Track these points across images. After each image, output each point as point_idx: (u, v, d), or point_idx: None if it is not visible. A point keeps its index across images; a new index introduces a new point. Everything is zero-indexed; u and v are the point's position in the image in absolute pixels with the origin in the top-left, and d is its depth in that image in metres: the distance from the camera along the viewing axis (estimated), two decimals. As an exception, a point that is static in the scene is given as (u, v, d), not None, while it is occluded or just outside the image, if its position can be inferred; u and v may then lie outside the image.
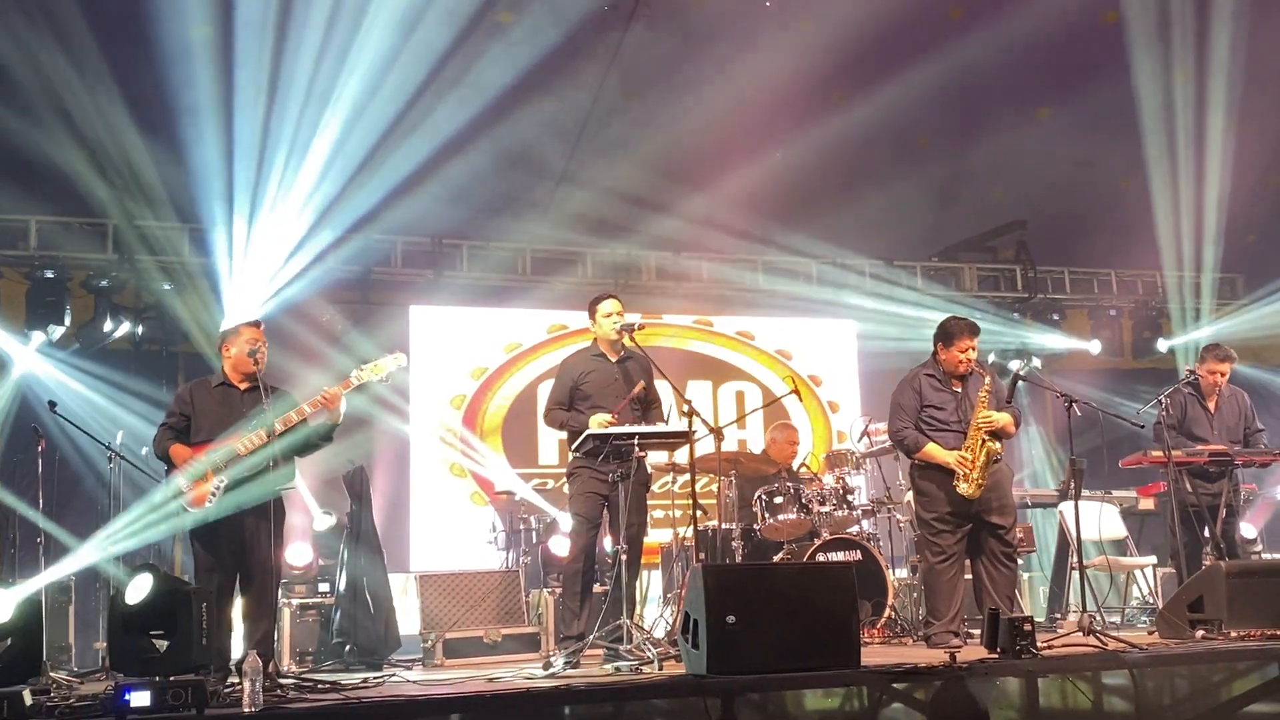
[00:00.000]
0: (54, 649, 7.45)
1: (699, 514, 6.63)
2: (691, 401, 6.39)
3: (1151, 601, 8.80)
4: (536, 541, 9.16)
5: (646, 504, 7.04)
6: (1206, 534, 7.68)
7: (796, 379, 10.26)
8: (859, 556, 7.85)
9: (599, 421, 6.56)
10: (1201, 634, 6.20)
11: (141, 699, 4.43)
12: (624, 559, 6.52)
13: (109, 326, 9.99)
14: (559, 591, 7.59)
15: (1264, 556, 9.08)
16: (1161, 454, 7.44)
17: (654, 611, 8.74)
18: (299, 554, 8.58)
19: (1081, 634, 6.02)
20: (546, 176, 11.26)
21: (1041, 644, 5.60)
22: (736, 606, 5.12)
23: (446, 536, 10.71)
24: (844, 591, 5.35)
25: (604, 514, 6.85)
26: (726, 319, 12.21)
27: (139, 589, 5.13)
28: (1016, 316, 12.90)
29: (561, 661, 6.19)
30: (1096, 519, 8.84)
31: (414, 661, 7.82)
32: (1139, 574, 9.08)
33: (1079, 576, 6.67)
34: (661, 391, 7.23)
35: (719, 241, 11.89)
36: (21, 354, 9.67)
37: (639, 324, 6.94)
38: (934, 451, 6.67)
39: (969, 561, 6.80)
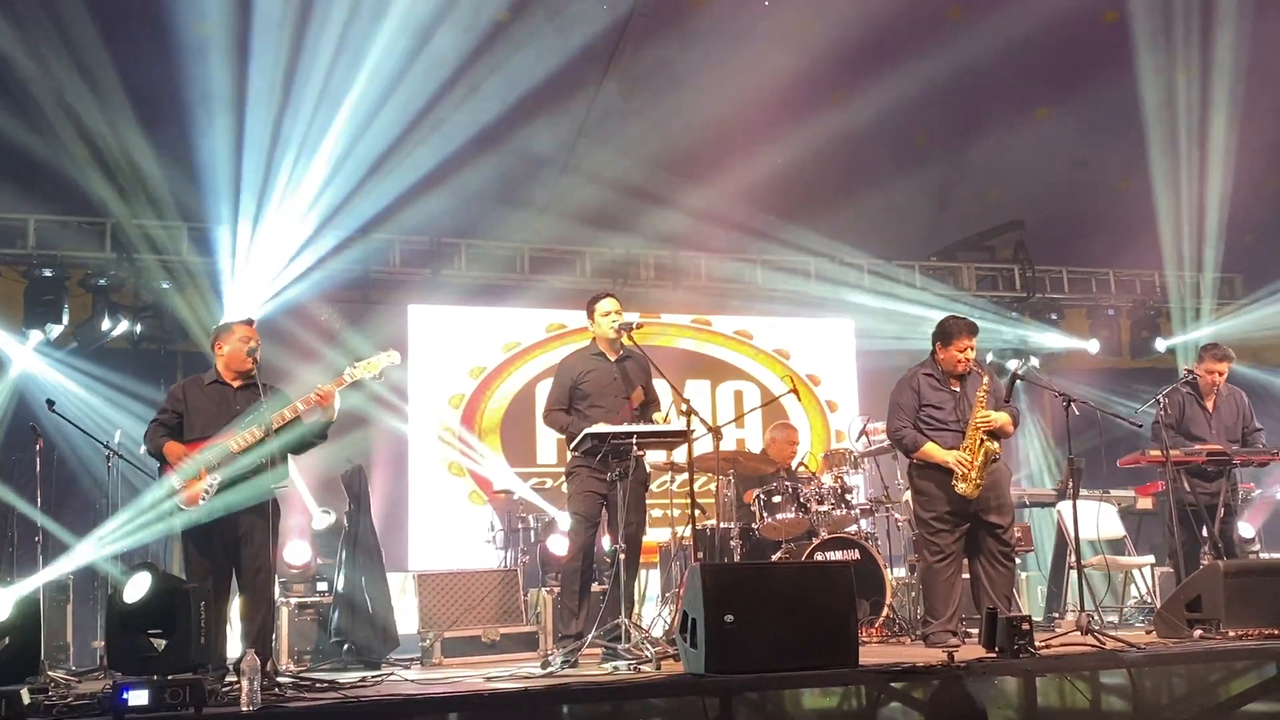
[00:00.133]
0: (52, 648, 7.45)
1: (697, 513, 6.63)
2: (690, 401, 6.39)
3: (1149, 601, 8.81)
4: (535, 541, 9.15)
5: (645, 503, 7.03)
6: (1204, 533, 7.69)
7: (795, 378, 10.27)
8: (857, 556, 7.85)
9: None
10: (1199, 633, 6.21)
11: (139, 698, 4.43)
12: (622, 558, 6.52)
13: (107, 325, 9.98)
14: (557, 591, 7.59)
15: (1262, 556, 9.09)
16: (1159, 453, 7.44)
17: (652, 611, 8.74)
18: (297, 553, 8.58)
19: (1079, 633, 6.02)
20: (545, 175, 11.25)
21: (1039, 643, 5.61)
22: (735, 606, 5.12)
23: (445, 536, 10.71)
24: (842, 591, 5.34)
25: (602, 513, 6.85)
26: (725, 318, 12.22)
27: (137, 588, 5.13)
28: (1015, 316, 12.91)
29: (560, 661, 6.20)
30: (1095, 518, 8.84)
31: (412, 661, 7.82)
32: (1137, 573, 9.08)
33: (1077, 576, 6.68)
34: (660, 391, 7.23)
35: (717, 240, 11.89)
36: (19, 353, 9.67)
37: (637, 323, 6.93)
38: (932, 451, 6.67)
39: (967, 561, 6.81)
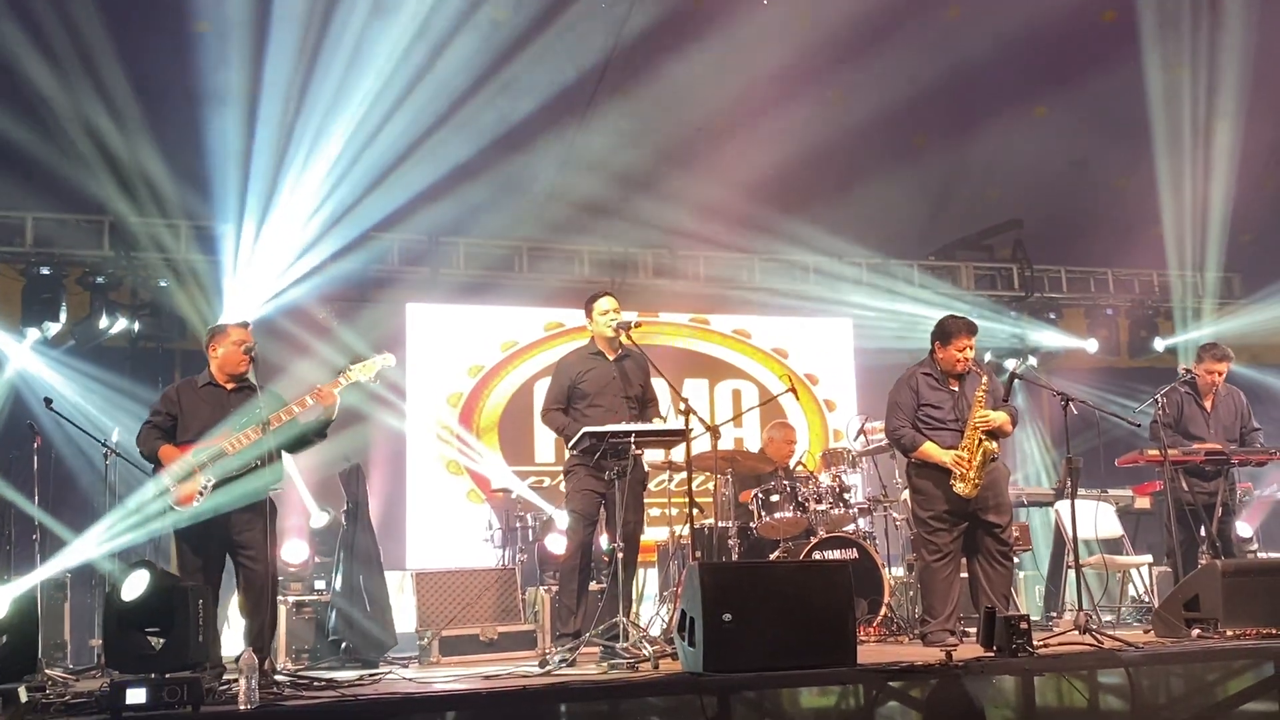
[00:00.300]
0: (49, 646, 7.44)
1: (695, 512, 6.63)
2: (688, 400, 6.39)
3: (1147, 600, 8.81)
4: (533, 539, 9.15)
5: (643, 502, 7.03)
6: (1202, 533, 7.69)
7: (793, 377, 10.25)
8: (855, 555, 7.85)
9: None
10: (1197, 633, 6.21)
11: (137, 696, 4.43)
12: (620, 557, 6.52)
13: (104, 323, 9.97)
14: (555, 589, 7.59)
15: (1260, 555, 9.09)
16: (1158, 453, 7.45)
17: (650, 609, 8.74)
18: (295, 552, 8.58)
19: (1077, 632, 6.02)
20: (545, 174, 11.25)
21: (1037, 642, 5.61)
22: (733, 604, 5.12)
23: (443, 534, 10.71)
24: (840, 590, 5.34)
25: (600, 512, 6.84)
26: (723, 317, 12.22)
27: (135, 586, 5.12)
28: (1013, 315, 12.91)
29: (558, 659, 6.19)
30: (1093, 518, 8.84)
31: (410, 659, 7.82)
32: (1134, 573, 9.09)
33: (1075, 575, 6.68)
34: (658, 389, 7.23)
35: (716, 239, 11.89)
36: (17, 351, 9.66)
37: (635, 322, 6.93)
38: (931, 450, 6.67)
39: (965, 560, 6.81)
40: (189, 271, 10.08)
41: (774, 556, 8.07)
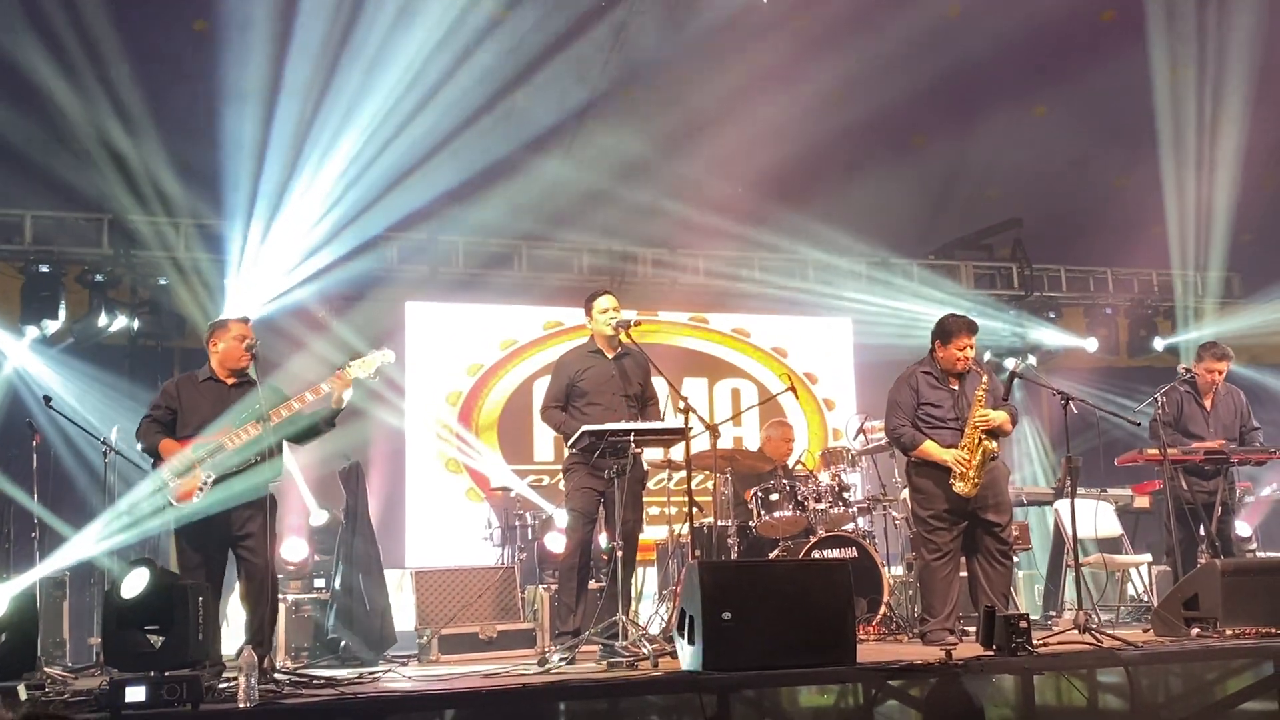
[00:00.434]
0: (48, 644, 7.44)
1: (695, 511, 6.64)
2: (688, 398, 6.39)
3: (1146, 600, 8.81)
4: (532, 538, 9.15)
5: (642, 501, 7.03)
6: (1202, 532, 7.70)
7: (792, 376, 10.26)
8: (854, 554, 7.85)
9: None
10: (1196, 632, 6.21)
11: (137, 694, 4.42)
12: (620, 555, 6.52)
13: (103, 321, 9.97)
14: (554, 588, 7.59)
15: (1259, 555, 9.09)
16: (1157, 452, 7.45)
17: (649, 608, 8.74)
18: (295, 550, 8.57)
19: (1077, 631, 6.03)
20: (543, 173, 11.23)
21: (1037, 641, 5.61)
22: (732, 603, 5.12)
23: (442, 532, 10.70)
24: (840, 589, 5.34)
25: (600, 510, 6.84)
26: (722, 316, 12.22)
27: (135, 583, 5.12)
28: (1013, 314, 12.91)
29: (557, 657, 6.20)
30: (1092, 517, 8.84)
31: (409, 657, 7.83)
32: (1133, 572, 9.09)
33: (1074, 574, 6.68)
34: (658, 388, 7.22)
35: (714, 238, 11.88)
36: (15, 349, 9.65)
37: (635, 320, 6.92)
38: (930, 449, 6.67)
39: (965, 559, 6.81)
40: (192, 269, 10.08)
41: (773, 555, 8.07)
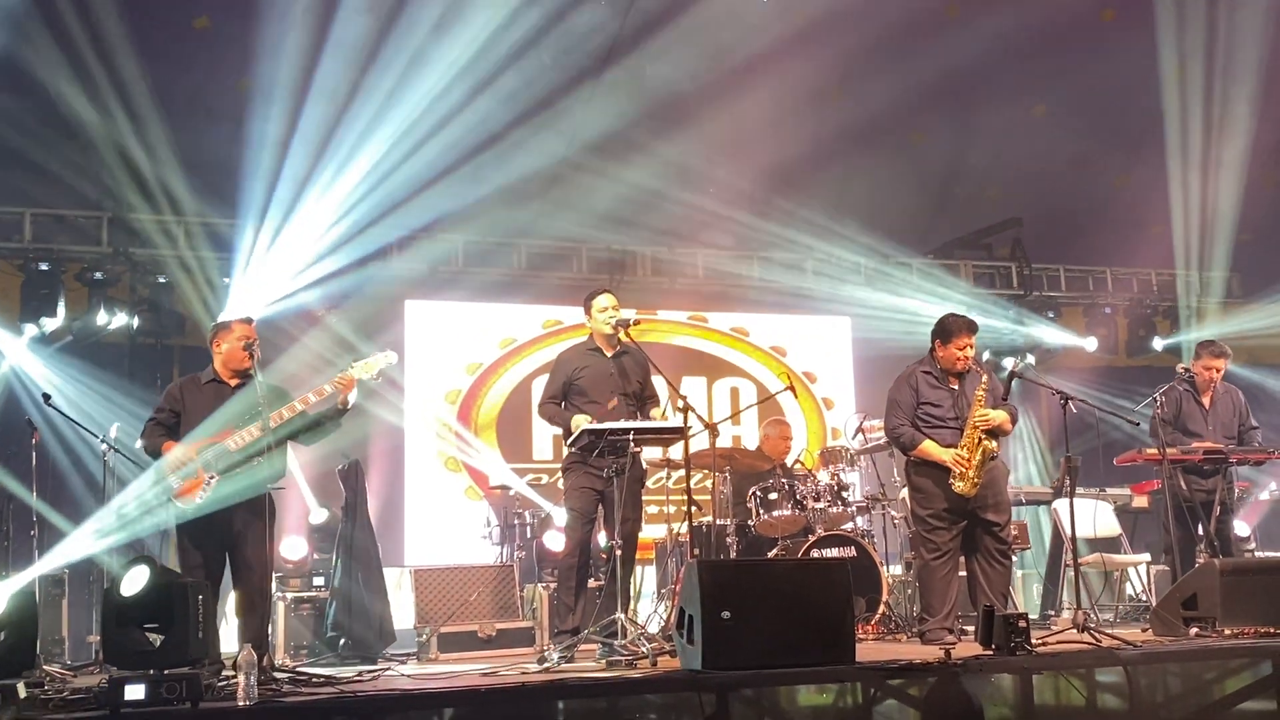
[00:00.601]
0: (47, 642, 7.44)
1: (693, 510, 6.64)
2: (687, 397, 6.40)
3: (1145, 599, 8.81)
4: (531, 536, 9.15)
5: (641, 499, 7.03)
6: (1200, 531, 7.70)
7: (791, 375, 10.26)
8: (853, 553, 7.86)
9: (580, 423, 6.56)
10: (1195, 632, 6.22)
11: (136, 692, 4.42)
12: (619, 554, 6.52)
13: (103, 319, 9.97)
14: (553, 586, 7.59)
15: (1257, 555, 9.10)
16: (1156, 451, 7.45)
17: (647, 607, 8.74)
18: (294, 548, 8.58)
19: (1075, 631, 6.03)
20: (543, 172, 11.23)
21: (1036, 641, 5.61)
22: (732, 602, 5.12)
23: (441, 531, 10.71)
24: (839, 588, 5.34)
25: (599, 509, 6.84)
26: (721, 315, 12.22)
27: (135, 581, 5.11)
28: (1012, 314, 12.92)
29: (556, 656, 6.20)
30: (1091, 516, 8.84)
31: (408, 656, 7.82)
32: (1132, 571, 9.09)
33: (1073, 573, 6.68)
34: (657, 387, 7.22)
35: (714, 237, 11.89)
36: (14, 347, 9.65)
37: (634, 319, 6.93)
38: (930, 449, 6.67)
39: (964, 558, 6.81)
40: (197, 268, 10.08)
41: (772, 554, 8.07)
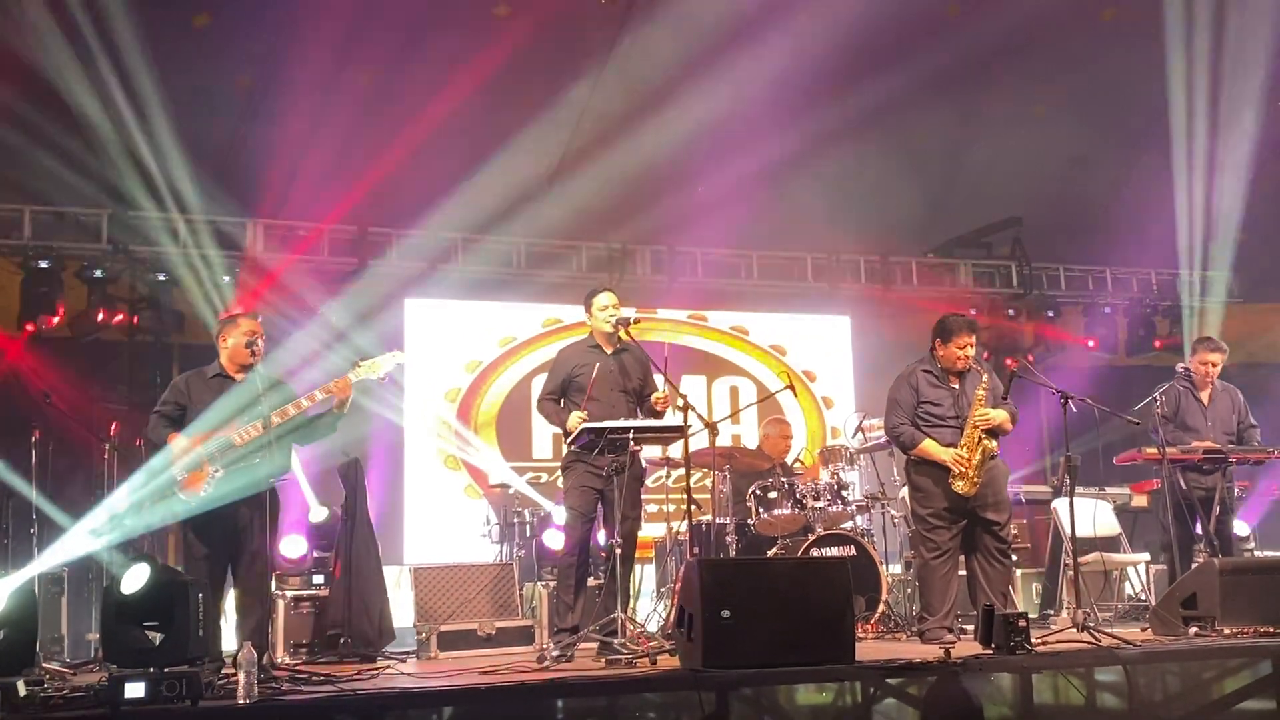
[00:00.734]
0: (46, 640, 7.44)
1: (693, 508, 6.64)
2: (686, 396, 6.40)
3: (1144, 598, 8.82)
4: (530, 535, 9.15)
5: (641, 498, 7.03)
6: (1199, 529, 7.69)
7: (791, 374, 10.27)
8: (853, 552, 7.86)
9: (577, 419, 6.57)
10: (1194, 631, 6.22)
11: (136, 690, 4.42)
12: (618, 553, 6.52)
13: (102, 317, 9.97)
14: (553, 584, 7.59)
15: (1256, 554, 9.10)
16: (1156, 451, 7.46)
17: (646, 606, 8.74)
18: (293, 546, 8.56)
19: (1075, 630, 6.03)
20: (543, 170, 11.24)
21: (1035, 640, 5.62)
22: (732, 601, 5.12)
23: (441, 529, 10.71)
24: (839, 587, 5.34)
25: (598, 508, 6.84)
26: (721, 314, 12.22)
27: (135, 579, 5.11)
28: (1011, 313, 12.92)
29: (555, 654, 6.20)
30: (1091, 516, 8.84)
31: (408, 654, 7.81)
32: (1131, 570, 9.09)
33: (1073, 573, 6.69)
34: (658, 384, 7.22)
35: (714, 236, 11.88)
36: (14, 344, 9.65)
37: (635, 318, 6.93)
38: (930, 448, 6.67)
39: (963, 557, 6.81)
40: (201, 264, 10.08)
41: (771, 553, 8.07)
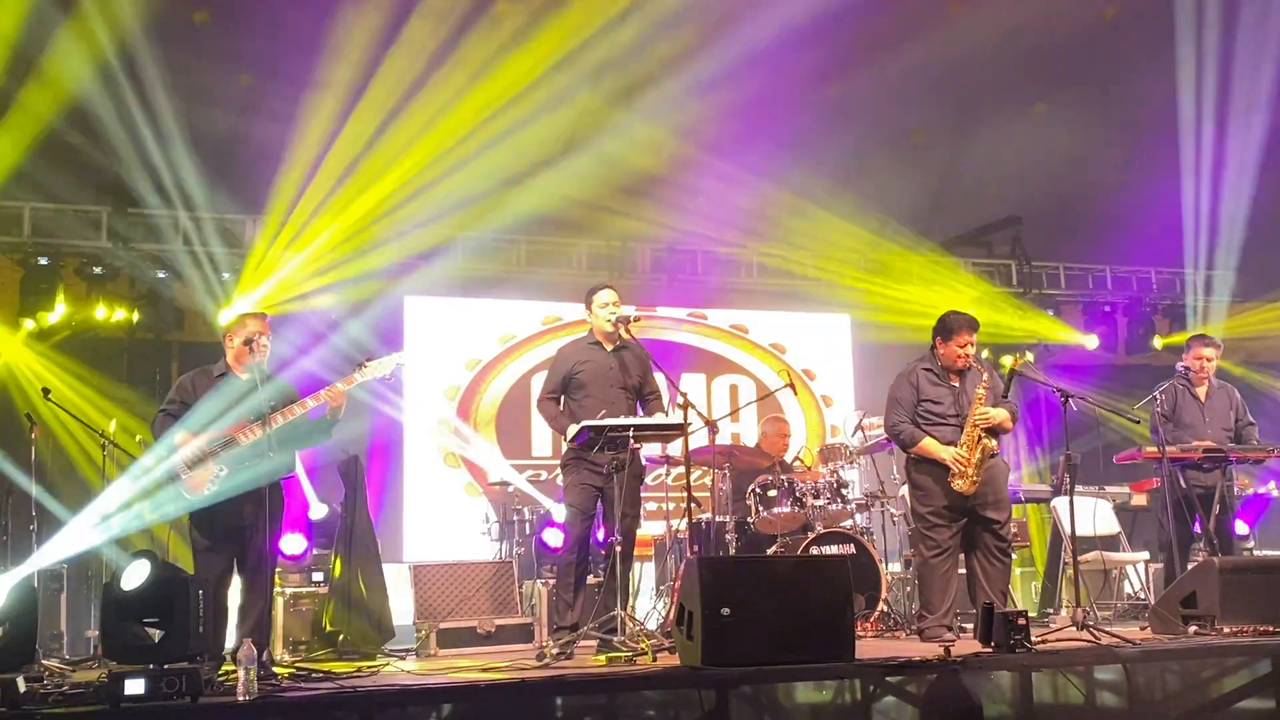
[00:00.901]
0: (46, 636, 7.45)
1: (693, 506, 6.64)
2: (687, 394, 6.40)
3: (1143, 597, 8.82)
4: (530, 532, 9.16)
5: (640, 496, 7.04)
6: (1198, 528, 7.70)
7: (791, 372, 10.27)
8: (853, 550, 7.86)
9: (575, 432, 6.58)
10: (1194, 629, 6.22)
11: (136, 686, 4.42)
12: (618, 550, 6.53)
13: (102, 314, 9.97)
14: (552, 582, 7.59)
15: (1256, 553, 9.11)
16: (1156, 449, 7.46)
17: (646, 603, 8.75)
18: (293, 543, 8.56)
19: (1075, 628, 6.03)
20: (542, 170, 11.23)
21: (1035, 638, 5.62)
22: (731, 599, 5.12)
23: (440, 527, 10.72)
24: (839, 585, 5.34)
25: (598, 506, 6.85)
26: (721, 312, 12.22)
27: (135, 575, 5.10)
28: (1011, 311, 12.91)
29: (555, 652, 6.20)
30: (1090, 514, 8.85)
31: (408, 651, 7.82)
32: (1131, 569, 9.10)
33: (1073, 571, 6.69)
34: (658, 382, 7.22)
35: (714, 235, 11.88)
36: (14, 341, 9.65)
37: (634, 315, 6.93)
38: (930, 447, 6.67)
39: (963, 556, 6.81)
40: (205, 261, 10.08)
41: (771, 551, 8.07)
